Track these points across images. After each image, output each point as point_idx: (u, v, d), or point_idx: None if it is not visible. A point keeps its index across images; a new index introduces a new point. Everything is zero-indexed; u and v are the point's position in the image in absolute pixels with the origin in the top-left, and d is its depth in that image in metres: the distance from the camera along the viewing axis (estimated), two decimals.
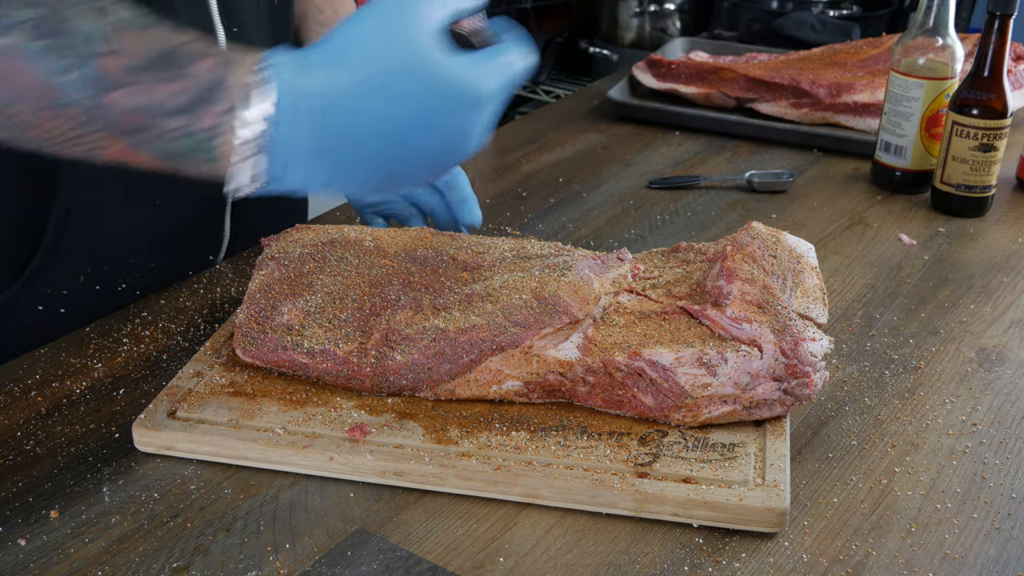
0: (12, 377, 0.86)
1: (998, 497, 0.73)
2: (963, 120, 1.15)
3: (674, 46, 1.71)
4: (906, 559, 0.68)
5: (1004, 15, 1.10)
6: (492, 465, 0.72)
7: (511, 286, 0.81)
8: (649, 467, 0.72)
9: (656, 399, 0.76)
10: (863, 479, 0.75)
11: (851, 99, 1.39)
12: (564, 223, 1.16)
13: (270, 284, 0.86)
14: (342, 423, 0.77)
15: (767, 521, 0.69)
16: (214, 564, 0.66)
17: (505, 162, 1.33)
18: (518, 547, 0.68)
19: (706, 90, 1.49)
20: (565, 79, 2.67)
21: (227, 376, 0.82)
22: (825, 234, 1.14)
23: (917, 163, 1.23)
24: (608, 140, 1.42)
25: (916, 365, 0.89)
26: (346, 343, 0.80)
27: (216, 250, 1.07)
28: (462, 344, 0.78)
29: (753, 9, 2.14)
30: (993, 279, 1.05)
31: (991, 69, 1.13)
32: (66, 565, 0.66)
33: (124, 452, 0.77)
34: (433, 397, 0.79)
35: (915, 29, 1.20)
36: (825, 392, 0.85)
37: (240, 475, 0.75)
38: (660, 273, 0.88)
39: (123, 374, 0.86)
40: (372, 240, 0.91)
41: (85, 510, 0.71)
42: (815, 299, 0.85)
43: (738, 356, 0.75)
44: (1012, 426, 0.81)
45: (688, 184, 1.26)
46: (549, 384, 0.78)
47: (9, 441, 0.78)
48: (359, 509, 0.71)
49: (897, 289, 1.02)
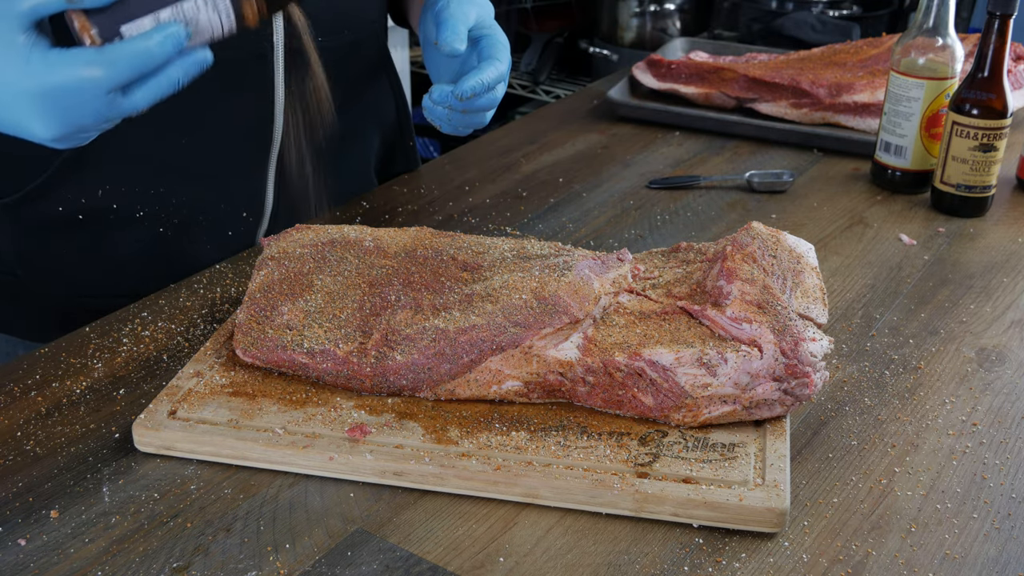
0: (12, 377, 0.86)
1: (998, 497, 0.73)
2: (963, 120, 1.15)
3: (674, 46, 1.71)
4: (906, 559, 0.68)
5: (1004, 15, 1.10)
6: (492, 465, 0.72)
7: (511, 286, 0.81)
8: (649, 467, 0.72)
9: (656, 399, 0.76)
10: (863, 479, 0.75)
11: (851, 99, 1.39)
12: (564, 223, 1.16)
13: (270, 284, 0.86)
14: (342, 423, 0.77)
15: (767, 521, 0.69)
16: (214, 564, 0.66)
17: (505, 162, 1.33)
18: (518, 547, 0.68)
19: (706, 90, 1.49)
20: (565, 79, 2.67)
21: (227, 376, 0.82)
22: (825, 234, 1.14)
23: (917, 163, 1.23)
24: (608, 140, 1.42)
25: (916, 365, 0.89)
26: (346, 343, 0.80)
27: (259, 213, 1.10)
28: (462, 344, 0.78)
29: (753, 9, 2.13)
30: (993, 279, 1.05)
31: (991, 69, 1.13)
32: (66, 565, 0.66)
33: (124, 452, 0.77)
34: (433, 397, 0.79)
35: (915, 29, 1.20)
36: (825, 392, 0.85)
37: (240, 475, 0.75)
38: (660, 273, 0.88)
39: (123, 374, 0.86)
40: (372, 240, 0.91)
41: (85, 510, 0.71)
42: (815, 299, 0.85)
43: (738, 356, 0.75)
44: (1012, 426, 0.81)
45: (688, 184, 1.26)
46: (549, 384, 0.78)
47: (9, 441, 0.78)
48: (359, 509, 0.71)
49: (897, 289, 1.02)
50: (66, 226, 1.01)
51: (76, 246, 1.03)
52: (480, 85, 0.94)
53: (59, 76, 0.70)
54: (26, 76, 0.70)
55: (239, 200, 1.09)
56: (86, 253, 1.03)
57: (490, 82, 0.95)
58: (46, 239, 1.02)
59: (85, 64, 0.70)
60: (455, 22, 0.95)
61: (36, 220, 1.00)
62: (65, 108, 0.71)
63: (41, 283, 1.04)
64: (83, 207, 1.01)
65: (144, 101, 0.73)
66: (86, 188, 1.00)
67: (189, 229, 1.06)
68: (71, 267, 1.04)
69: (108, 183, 1.00)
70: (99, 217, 1.02)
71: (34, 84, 0.70)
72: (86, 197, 1.00)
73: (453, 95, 0.94)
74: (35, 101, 0.71)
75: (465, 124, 1.00)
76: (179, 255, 1.05)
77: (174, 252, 1.05)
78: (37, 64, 0.70)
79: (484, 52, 0.97)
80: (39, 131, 0.73)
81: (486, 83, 0.94)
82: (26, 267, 1.03)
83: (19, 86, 0.70)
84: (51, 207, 1.00)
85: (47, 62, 0.70)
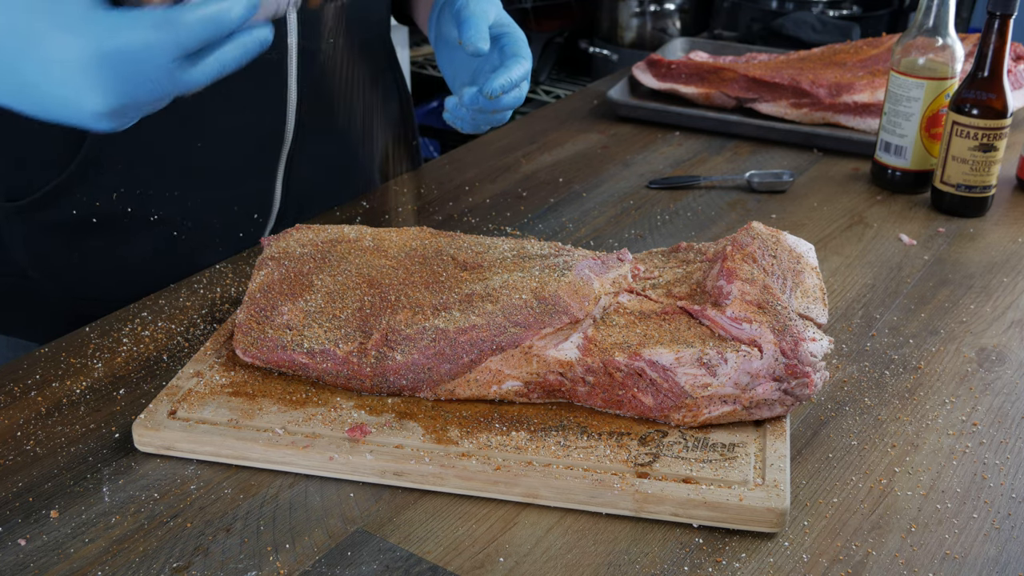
0: (12, 377, 0.86)
1: (998, 497, 0.73)
2: (963, 120, 1.15)
3: (674, 46, 1.71)
4: (906, 559, 0.68)
5: (1004, 15, 1.10)
6: (492, 465, 0.72)
7: (511, 286, 0.81)
8: (649, 467, 0.72)
9: (656, 399, 0.76)
10: (863, 479, 0.75)
11: (851, 99, 1.39)
12: (564, 223, 1.16)
13: (270, 284, 0.86)
14: (342, 423, 0.77)
15: (767, 521, 0.69)
16: (214, 564, 0.66)
17: (505, 162, 1.33)
18: (518, 547, 0.68)
19: (706, 90, 1.49)
20: (565, 79, 2.67)
21: (227, 376, 0.82)
22: (825, 234, 1.14)
23: (917, 163, 1.23)
24: (608, 140, 1.42)
25: (916, 365, 0.89)
26: (346, 343, 0.80)
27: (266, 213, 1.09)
28: (462, 344, 0.78)
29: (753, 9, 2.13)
30: (993, 279, 1.05)
31: (991, 69, 1.13)
32: (66, 565, 0.66)
33: (124, 452, 0.77)
34: (433, 397, 0.79)
35: (915, 29, 1.20)
36: (825, 392, 0.85)
37: (240, 475, 0.75)
38: (660, 273, 0.88)
39: (123, 374, 0.86)
40: (372, 240, 0.91)
41: (85, 510, 0.71)
42: (815, 299, 0.85)
43: (738, 356, 0.75)
44: (1012, 426, 0.81)
45: (688, 184, 1.26)
46: (549, 384, 0.78)
47: (9, 441, 0.78)
48: (359, 509, 0.71)
49: (897, 289, 1.02)
50: (80, 230, 1.00)
51: (90, 249, 1.02)
52: (508, 83, 0.93)
53: (123, 38, 0.64)
54: (85, 38, 0.64)
55: (250, 201, 1.08)
56: (100, 256, 1.02)
57: (517, 79, 0.94)
58: (60, 242, 1.01)
59: (153, 25, 0.64)
60: (477, 20, 0.94)
61: (50, 223, 0.99)
62: (124, 76, 0.65)
63: (53, 286, 1.04)
64: (97, 211, 0.99)
65: (204, 76, 0.67)
66: (101, 191, 0.99)
67: (203, 231, 1.05)
68: (84, 270, 1.03)
69: (123, 186, 0.99)
70: (114, 221, 1.01)
71: (94, 47, 0.64)
72: (100, 201, 0.99)
73: (482, 95, 0.93)
74: (92, 67, 0.64)
75: (487, 122, 0.99)
76: (191, 257, 1.05)
77: (187, 254, 1.05)
78: (98, 25, 0.64)
79: (507, 49, 0.96)
80: (90, 103, 0.66)
81: (514, 80, 0.93)
82: (38, 269, 1.02)
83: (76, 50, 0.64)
84: (65, 211, 0.99)
85: (110, 22, 0.64)
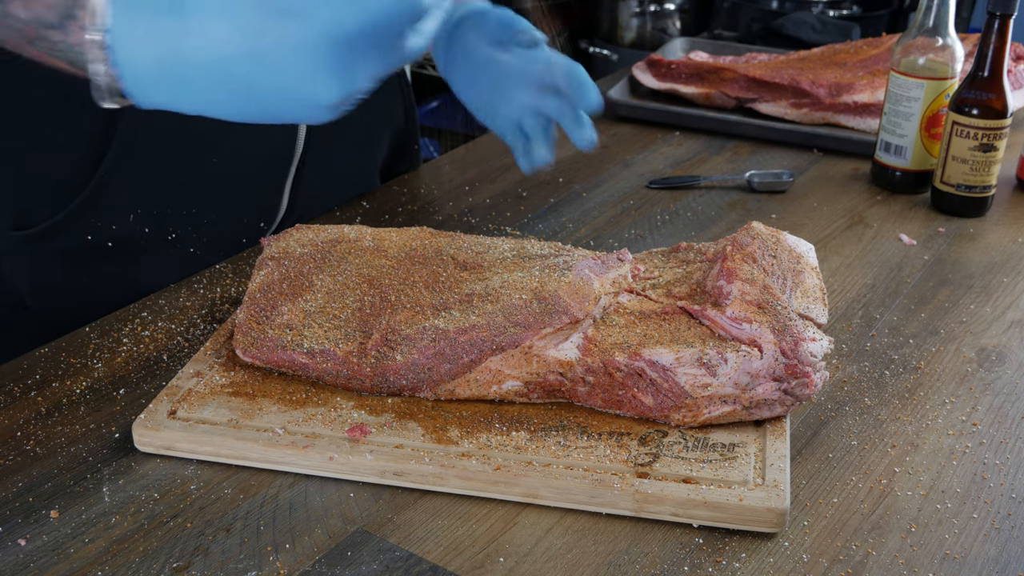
0: (12, 377, 0.86)
1: (998, 497, 0.73)
2: (963, 120, 1.15)
3: (674, 46, 1.71)
4: (906, 559, 0.68)
5: (1004, 15, 1.10)
6: (492, 465, 0.72)
7: (511, 286, 0.81)
8: (649, 467, 0.72)
9: (656, 399, 0.76)
10: (863, 479, 0.75)
11: (851, 99, 1.39)
12: (564, 223, 1.16)
13: (270, 284, 0.86)
14: (342, 423, 0.77)
15: (767, 521, 0.69)
16: (214, 564, 0.66)
17: (505, 162, 1.33)
18: (518, 547, 0.68)
19: (706, 90, 1.49)
20: None
21: (227, 376, 0.82)
22: (825, 234, 1.14)
23: (917, 163, 1.23)
24: (608, 140, 1.42)
25: (916, 365, 0.89)
26: (346, 343, 0.80)
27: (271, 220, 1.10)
28: (462, 344, 0.78)
29: (753, 9, 2.14)
30: (993, 279, 1.05)
31: (991, 69, 1.13)
32: (66, 565, 0.66)
33: (124, 452, 0.77)
34: (433, 397, 0.79)
35: (915, 29, 1.20)
36: (825, 392, 0.85)
37: (240, 475, 0.75)
38: (660, 273, 0.88)
39: (123, 374, 0.86)
40: (372, 240, 0.91)
41: (85, 510, 0.71)
42: (815, 299, 0.85)
43: (738, 356, 0.75)
44: (1012, 426, 0.81)
45: (688, 184, 1.26)
46: (549, 384, 0.78)
47: (9, 441, 0.78)
48: (359, 509, 0.71)
49: (897, 289, 1.02)
50: (94, 255, 0.98)
51: (101, 274, 1.00)
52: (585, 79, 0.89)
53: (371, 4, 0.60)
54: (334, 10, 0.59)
55: (258, 210, 1.09)
56: (111, 281, 1.00)
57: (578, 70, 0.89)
58: (68, 268, 0.99)
59: None
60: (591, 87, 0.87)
61: (59, 250, 0.98)
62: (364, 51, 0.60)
63: (51, 314, 0.99)
64: (112, 234, 0.98)
65: (419, 46, 0.63)
66: (118, 214, 0.98)
67: (217, 246, 1.05)
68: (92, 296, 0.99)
69: (140, 207, 0.98)
70: (130, 243, 0.99)
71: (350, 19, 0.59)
72: (116, 224, 0.98)
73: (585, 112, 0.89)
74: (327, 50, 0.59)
75: None
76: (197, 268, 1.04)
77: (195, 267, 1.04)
78: None
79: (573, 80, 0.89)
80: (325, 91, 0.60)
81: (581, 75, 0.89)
82: (39, 298, 1.00)
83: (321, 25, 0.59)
84: (78, 237, 0.97)
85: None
